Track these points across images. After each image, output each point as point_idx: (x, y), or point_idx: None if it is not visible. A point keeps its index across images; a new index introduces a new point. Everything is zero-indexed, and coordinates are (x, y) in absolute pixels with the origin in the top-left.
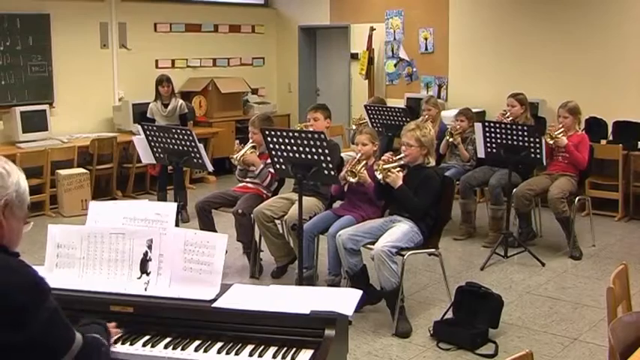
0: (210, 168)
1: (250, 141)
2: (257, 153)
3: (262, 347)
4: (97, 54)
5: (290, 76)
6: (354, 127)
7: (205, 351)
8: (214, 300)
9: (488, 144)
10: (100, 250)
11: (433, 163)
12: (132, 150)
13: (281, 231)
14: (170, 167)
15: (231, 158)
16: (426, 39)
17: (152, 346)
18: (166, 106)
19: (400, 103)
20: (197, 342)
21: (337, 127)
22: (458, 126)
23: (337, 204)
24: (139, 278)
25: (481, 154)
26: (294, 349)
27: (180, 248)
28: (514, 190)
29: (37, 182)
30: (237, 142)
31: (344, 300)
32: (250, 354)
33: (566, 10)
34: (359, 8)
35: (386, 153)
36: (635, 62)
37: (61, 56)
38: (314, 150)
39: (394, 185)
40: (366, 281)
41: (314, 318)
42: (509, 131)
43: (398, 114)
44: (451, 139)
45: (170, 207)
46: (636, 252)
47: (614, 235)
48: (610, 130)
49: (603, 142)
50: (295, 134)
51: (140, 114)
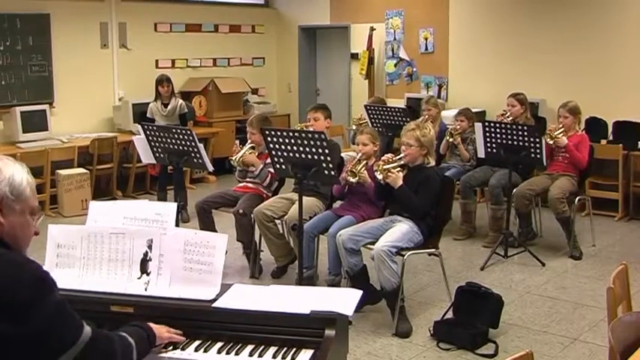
0: (210, 168)
1: (249, 141)
2: (256, 153)
3: (262, 347)
4: (97, 54)
5: (290, 76)
6: (354, 127)
7: (205, 351)
8: (214, 300)
9: (488, 144)
10: (100, 250)
11: (433, 163)
12: (132, 150)
13: (281, 231)
14: (170, 167)
15: (230, 160)
16: (426, 39)
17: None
18: (166, 106)
19: (400, 103)
20: (197, 342)
21: (337, 127)
22: (458, 126)
23: (337, 204)
24: (139, 278)
25: (481, 154)
26: (294, 349)
27: (180, 248)
28: (514, 190)
29: (37, 182)
30: (236, 144)
31: (344, 300)
32: (250, 354)
33: (566, 10)
34: (359, 8)
35: (386, 153)
36: (635, 62)
37: (61, 56)
38: (314, 150)
39: (394, 185)
40: (366, 281)
41: (314, 318)
42: (509, 131)
43: (398, 114)
44: (451, 140)
45: (170, 207)
46: (636, 252)
47: (614, 235)
48: (610, 130)
49: (603, 142)
50: (295, 134)
51: (140, 114)
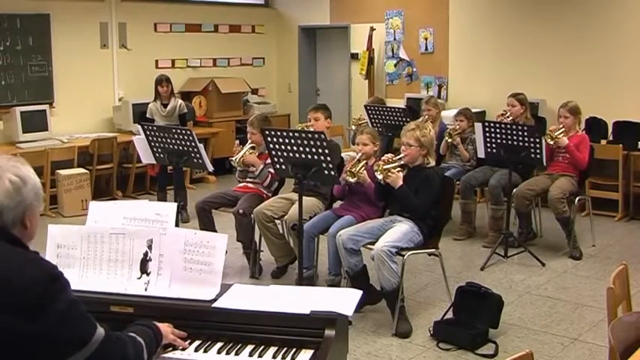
0: (210, 168)
1: (249, 142)
2: (256, 153)
3: (262, 347)
4: (97, 54)
5: (290, 76)
6: (354, 128)
7: (205, 351)
8: (214, 300)
9: (488, 144)
10: (100, 250)
11: (433, 163)
12: (132, 150)
13: (281, 231)
14: (170, 167)
15: (230, 160)
16: (426, 39)
17: None
18: (165, 106)
19: (400, 103)
20: (197, 342)
21: (337, 127)
22: (457, 126)
23: (337, 204)
24: (139, 278)
25: (481, 154)
26: (294, 349)
27: (180, 248)
28: (514, 190)
29: None
30: (236, 144)
31: (344, 300)
32: (250, 354)
33: (566, 10)
34: (359, 8)
35: (386, 154)
36: (635, 62)
37: (61, 56)
38: (314, 150)
39: (394, 186)
40: (366, 281)
41: (314, 318)
42: (509, 131)
43: (398, 114)
44: (450, 140)
45: (170, 207)
46: (636, 252)
47: (614, 235)
48: (610, 130)
49: (603, 142)
50: (295, 134)
51: (140, 114)
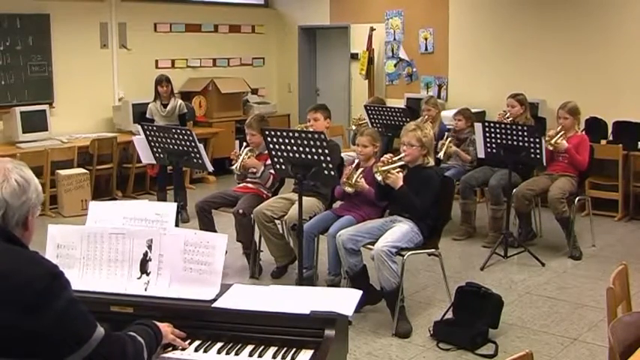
0: (210, 168)
1: (245, 144)
2: (255, 155)
3: (262, 347)
4: (97, 54)
5: (290, 76)
6: (354, 128)
7: (205, 351)
8: (214, 300)
9: (488, 144)
10: (100, 250)
11: (432, 163)
12: (132, 150)
13: (281, 231)
14: (170, 167)
15: (231, 168)
16: (426, 39)
17: None
18: (165, 106)
19: (400, 104)
20: (197, 342)
21: (337, 128)
22: (454, 130)
23: (337, 204)
24: (139, 278)
25: (481, 155)
26: (294, 349)
27: (180, 248)
28: (514, 191)
29: None
30: (234, 151)
31: (344, 300)
32: (250, 354)
33: (566, 10)
34: (359, 8)
35: (386, 154)
36: (635, 62)
37: (61, 56)
38: (314, 150)
39: (395, 186)
40: (366, 281)
41: (314, 318)
42: (509, 131)
43: (398, 114)
44: (441, 154)
45: (170, 207)
46: (636, 252)
47: (614, 235)
48: (610, 130)
49: (603, 142)
50: (295, 134)
51: (140, 114)
